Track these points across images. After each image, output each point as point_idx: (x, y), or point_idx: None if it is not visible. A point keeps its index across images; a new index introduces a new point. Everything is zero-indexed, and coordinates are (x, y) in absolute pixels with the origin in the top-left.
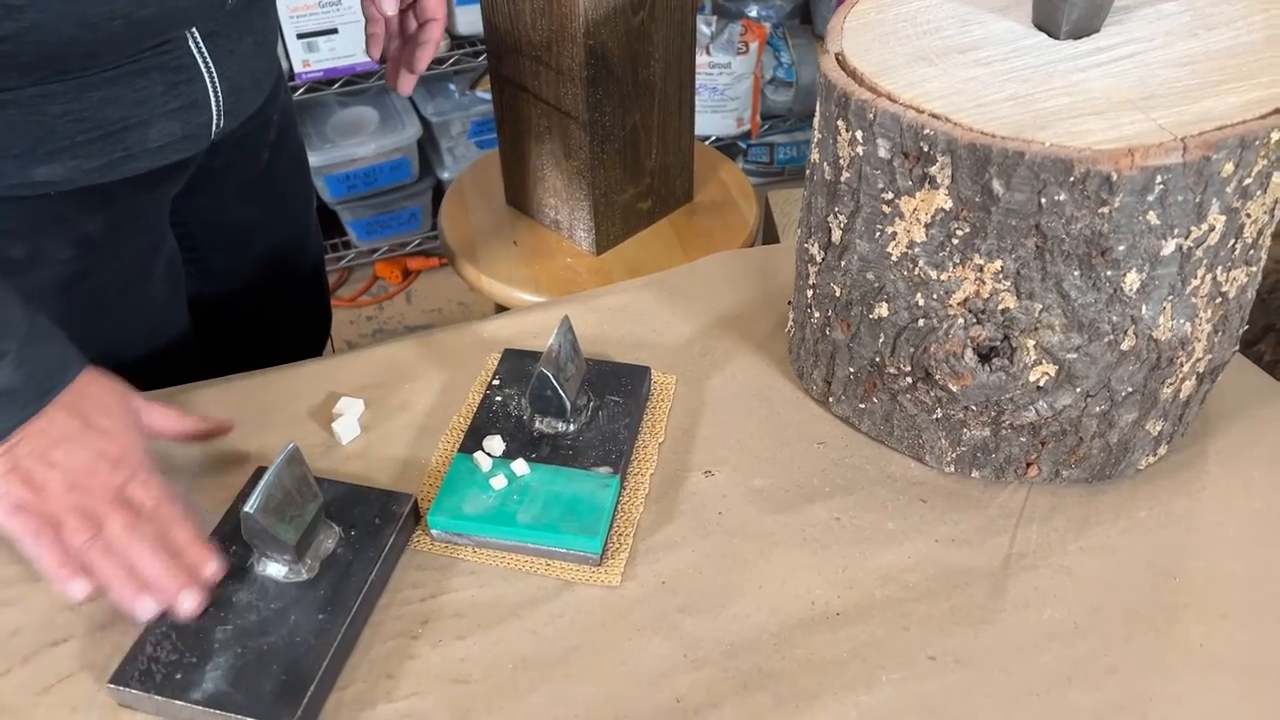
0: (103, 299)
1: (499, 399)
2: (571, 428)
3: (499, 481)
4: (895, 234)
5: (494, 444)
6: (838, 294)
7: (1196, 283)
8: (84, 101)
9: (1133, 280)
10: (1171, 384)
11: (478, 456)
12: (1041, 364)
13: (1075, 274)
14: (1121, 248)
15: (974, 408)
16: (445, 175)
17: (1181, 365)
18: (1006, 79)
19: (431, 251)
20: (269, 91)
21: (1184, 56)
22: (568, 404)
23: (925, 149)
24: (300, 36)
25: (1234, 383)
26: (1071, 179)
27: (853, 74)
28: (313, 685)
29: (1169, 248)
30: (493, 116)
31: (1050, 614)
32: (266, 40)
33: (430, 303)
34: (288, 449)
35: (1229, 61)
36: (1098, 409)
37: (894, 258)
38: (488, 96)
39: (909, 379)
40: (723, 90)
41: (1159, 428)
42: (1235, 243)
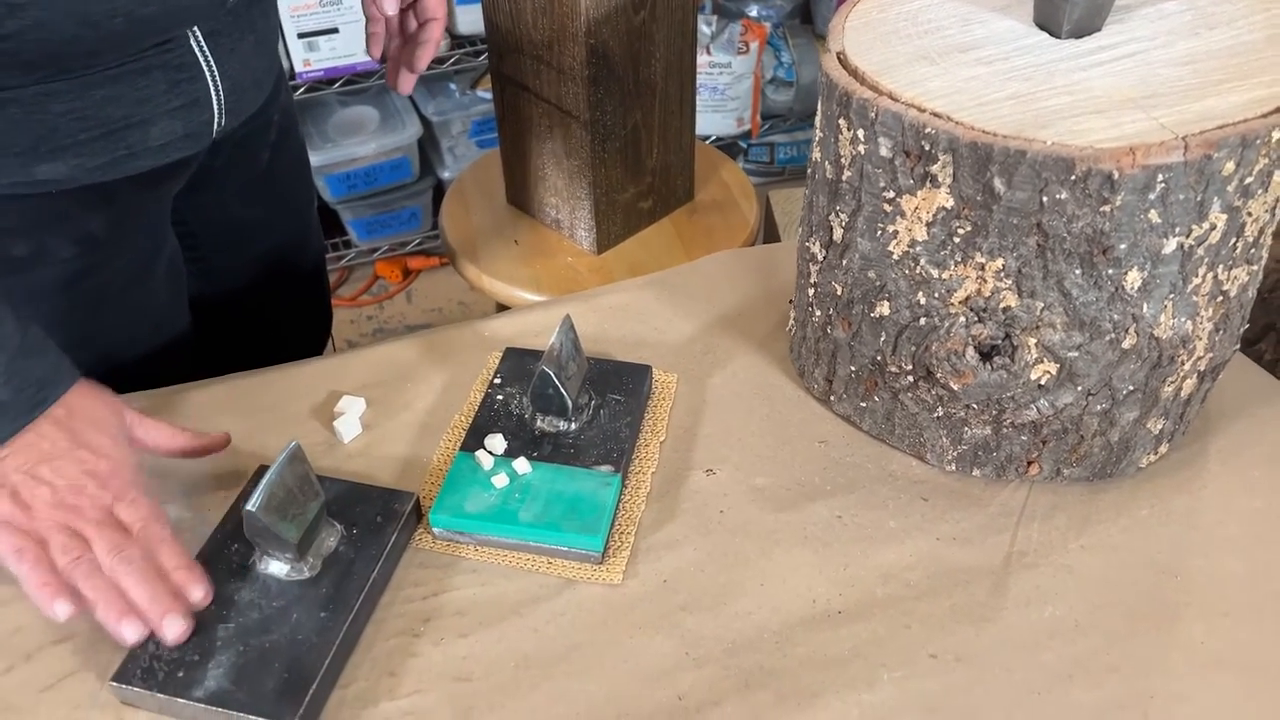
0: (104, 297)
1: (500, 398)
2: (573, 426)
3: (501, 480)
4: (897, 233)
5: (496, 442)
6: (839, 292)
7: (1198, 281)
8: (86, 100)
9: (1134, 279)
10: (1172, 382)
11: (479, 455)
12: (1043, 362)
13: (1077, 272)
14: (1123, 246)
15: (975, 406)
16: (445, 175)
17: (1182, 364)
18: (1008, 78)
19: (432, 251)
20: (270, 90)
21: (1185, 55)
22: (569, 402)
23: (927, 148)
24: (301, 36)
25: (1235, 381)
26: (1073, 177)
27: (854, 73)
28: (315, 683)
29: (1170, 246)
30: (493, 116)
31: (1051, 612)
32: (268, 39)
33: (431, 302)
34: (290, 447)
35: (1230, 60)
36: (1099, 407)
37: (895, 256)
38: (488, 96)
39: (910, 377)
40: (723, 90)
41: (1160, 426)
42: (1236, 241)
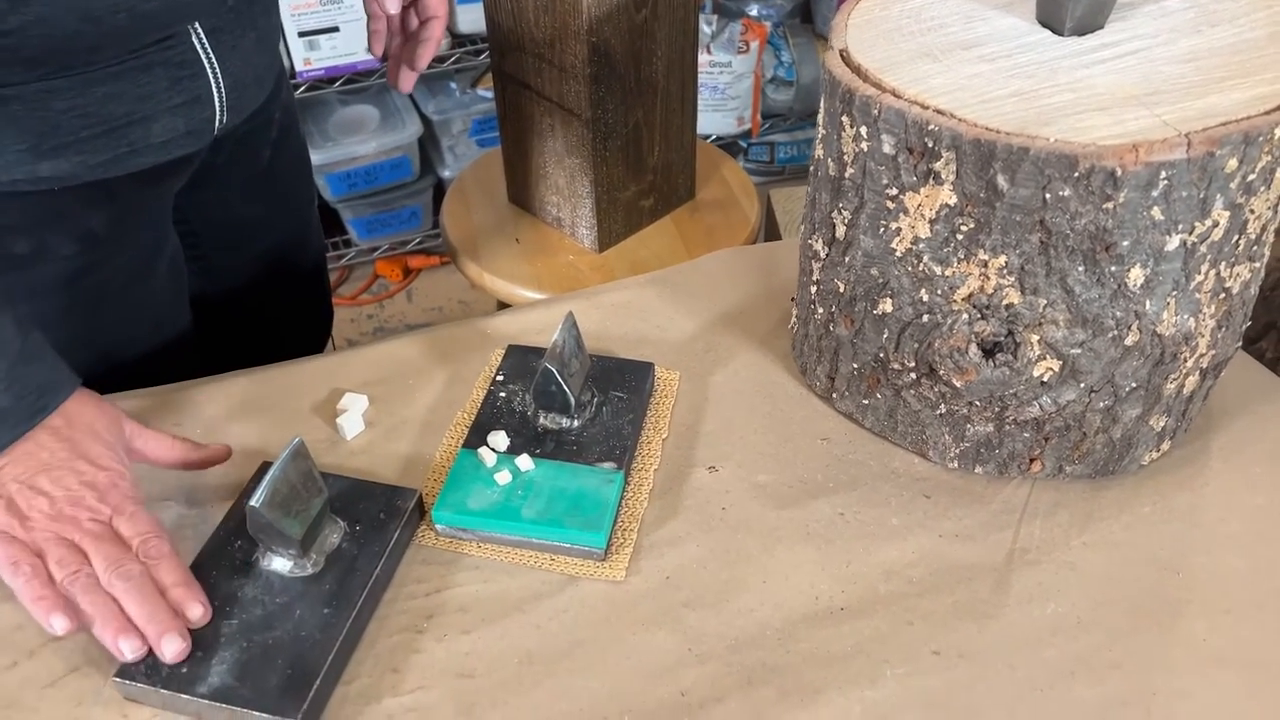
0: (106, 295)
1: (503, 395)
2: (575, 423)
3: (503, 477)
4: (900, 230)
5: (498, 439)
6: (841, 290)
7: (1200, 278)
8: (88, 97)
9: (1137, 276)
10: (1175, 379)
11: (482, 452)
12: (1045, 359)
13: (1079, 269)
14: (1126, 243)
15: (978, 403)
16: (446, 174)
17: (1185, 361)
18: (1011, 75)
19: (432, 250)
20: (271, 88)
21: (1188, 53)
22: (572, 400)
23: (930, 145)
24: (302, 34)
25: (1237, 379)
26: (1076, 174)
27: (857, 70)
28: (318, 679)
29: (1173, 243)
30: (493, 115)
31: (1054, 609)
32: (269, 37)
33: (431, 301)
34: (293, 443)
35: (1233, 58)
36: (1101, 404)
37: (898, 253)
38: (488, 95)
39: (913, 375)
40: (723, 89)
41: (1162, 423)
42: (1239, 238)
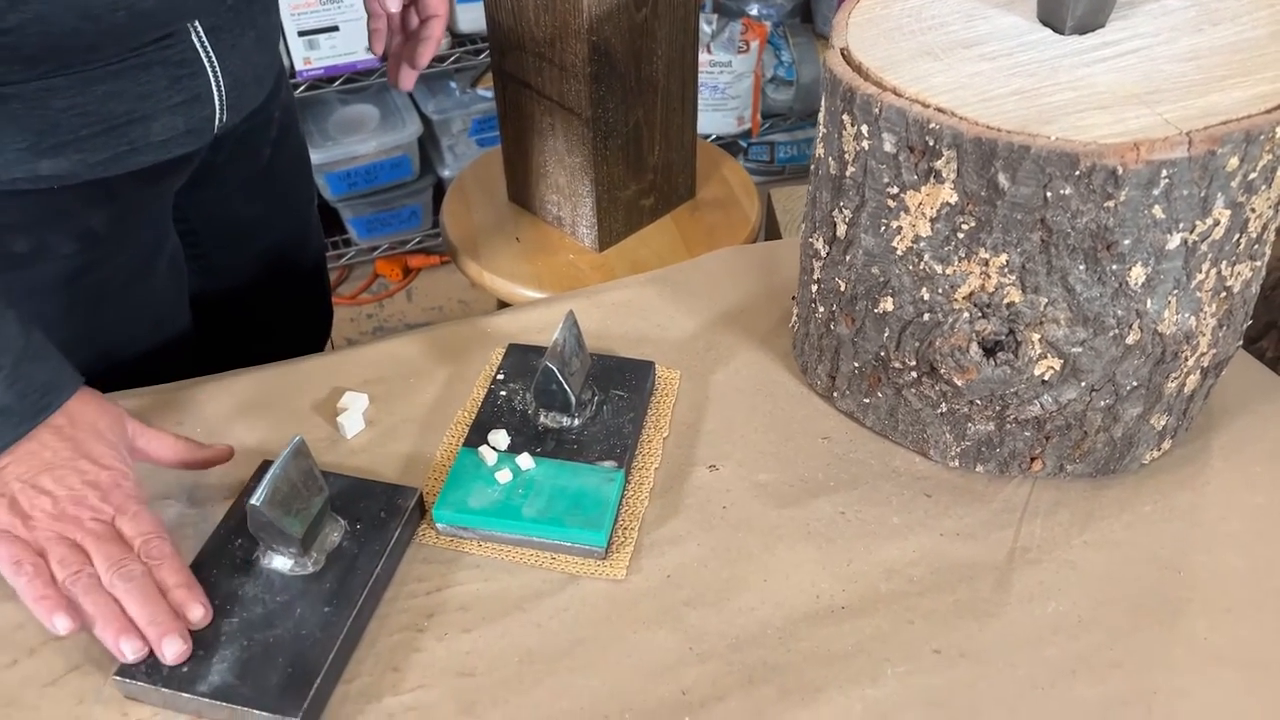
0: (106, 294)
1: (504, 393)
2: (576, 422)
3: (504, 475)
4: (900, 228)
5: (499, 438)
6: (842, 289)
7: (1201, 277)
8: (88, 95)
9: (1138, 274)
10: (1176, 378)
11: (483, 450)
12: (1046, 358)
13: (1080, 268)
14: (1127, 242)
15: (979, 402)
16: (446, 173)
17: (1186, 360)
18: (1012, 74)
19: (432, 249)
20: (271, 87)
21: (1189, 51)
22: (572, 398)
23: (931, 143)
24: (301, 34)
25: (1237, 378)
26: (1077, 173)
27: (858, 69)
28: (319, 678)
29: (1174, 242)
30: (493, 114)
31: (1055, 608)
32: (268, 36)
33: (431, 300)
34: (294, 442)
35: (1234, 56)
36: (1102, 403)
37: (899, 252)
38: (488, 94)
39: (914, 373)
40: (723, 89)
41: (1163, 422)
42: (1240, 237)
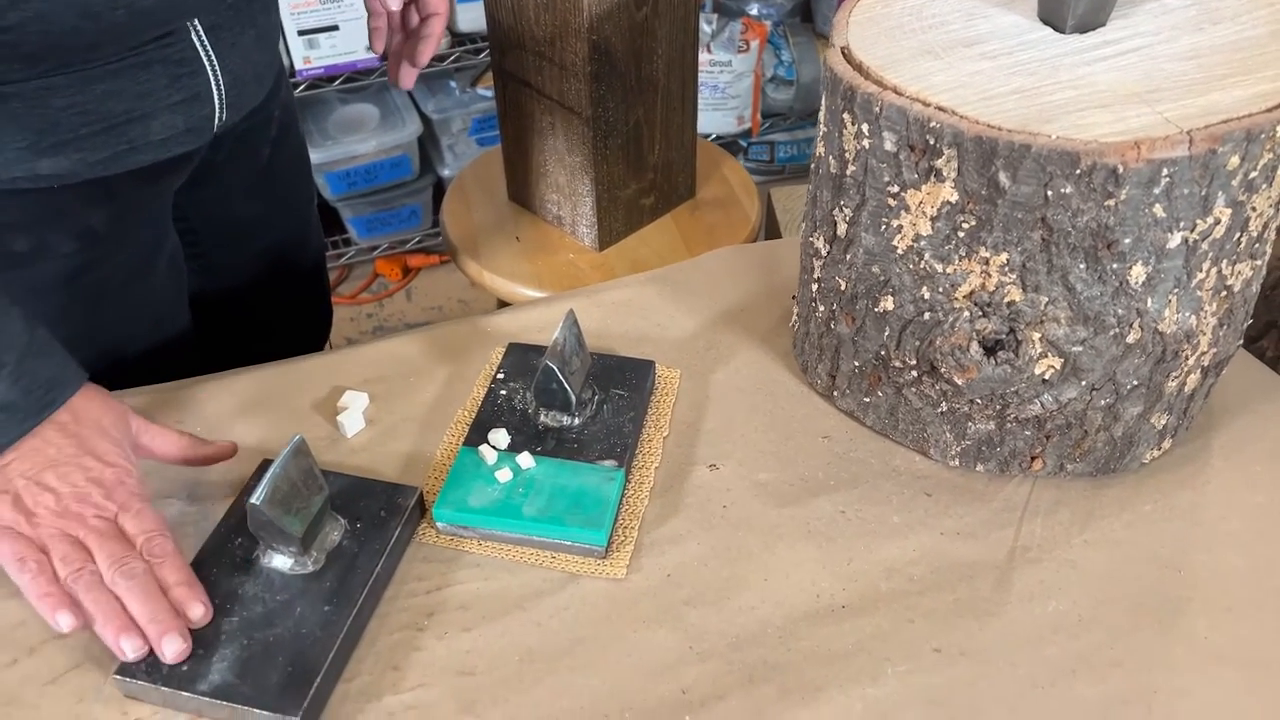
0: (105, 293)
1: (504, 392)
2: (576, 421)
3: (504, 474)
4: (901, 227)
5: (499, 437)
6: (843, 288)
7: (1202, 276)
8: (87, 94)
9: (1138, 273)
10: (1176, 377)
11: (483, 450)
12: (1047, 357)
13: (1081, 267)
14: (1127, 240)
15: (979, 401)
16: (445, 172)
17: (1186, 359)
18: (1012, 72)
19: (432, 249)
20: (270, 86)
21: (1189, 50)
22: (573, 397)
23: (931, 142)
24: (301, 33)
25: (1238, 377)
26: (1078, 171)
27: (859, 67)
28: (319, 677)
29: (1175, 241)
30: (492, 114)
31: (1055, 607)
32: (268, 35)
33: (430, 300)
34: (294, 441)
35: (1234, 55)
36: (1103, 402)
37: (899, 251)
38: (488, 94)
39: (914, 372)
40: (723, 88)
41: (1163, 421)
42: (1240, 236)
